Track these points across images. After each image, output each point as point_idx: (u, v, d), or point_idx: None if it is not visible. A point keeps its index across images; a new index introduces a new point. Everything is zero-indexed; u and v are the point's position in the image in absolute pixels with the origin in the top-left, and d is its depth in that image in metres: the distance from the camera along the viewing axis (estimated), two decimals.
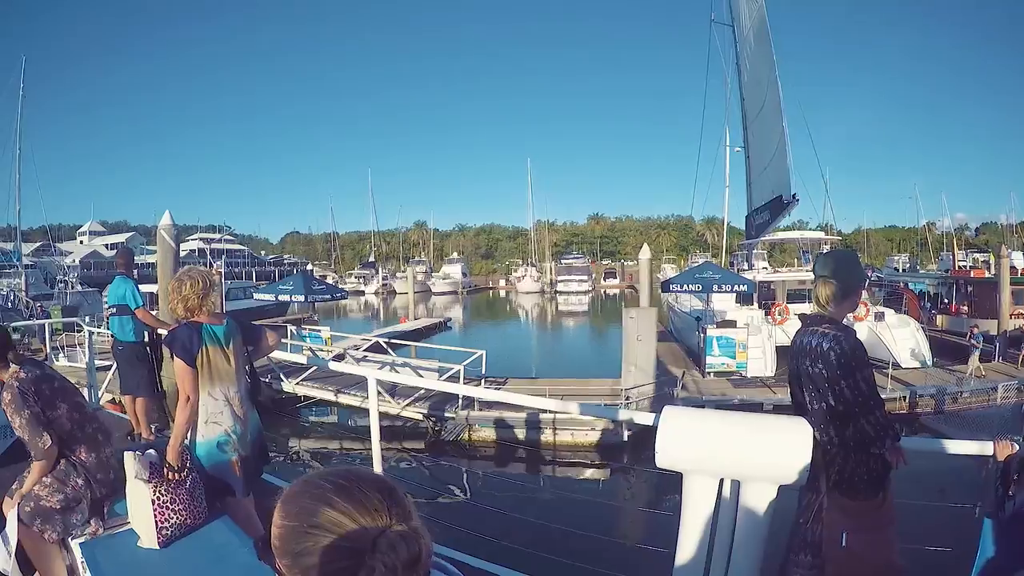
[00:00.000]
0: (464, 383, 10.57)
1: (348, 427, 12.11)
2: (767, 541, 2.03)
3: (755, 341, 13.92)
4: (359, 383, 11.19)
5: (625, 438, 10.16)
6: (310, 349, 13.54)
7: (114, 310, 5.32)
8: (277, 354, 3.66)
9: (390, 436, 11.07)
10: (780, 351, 13.79)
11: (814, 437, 2.05)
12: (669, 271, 59.72)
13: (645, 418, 2.46)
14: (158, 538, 2.42)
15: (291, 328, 14.41)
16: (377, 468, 3.48)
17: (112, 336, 5.46)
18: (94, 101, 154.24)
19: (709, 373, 13.91)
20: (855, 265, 2.42)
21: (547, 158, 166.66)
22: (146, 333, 5.40)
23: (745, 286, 16.58)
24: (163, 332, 5.05)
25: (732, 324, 14.92)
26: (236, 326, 2.99)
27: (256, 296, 21.50)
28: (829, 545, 2.21)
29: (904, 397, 11.99)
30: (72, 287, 32.52)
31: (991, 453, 2.18)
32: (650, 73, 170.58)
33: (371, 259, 70.75)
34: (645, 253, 15.35)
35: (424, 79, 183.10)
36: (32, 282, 30.47)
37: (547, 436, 10.55)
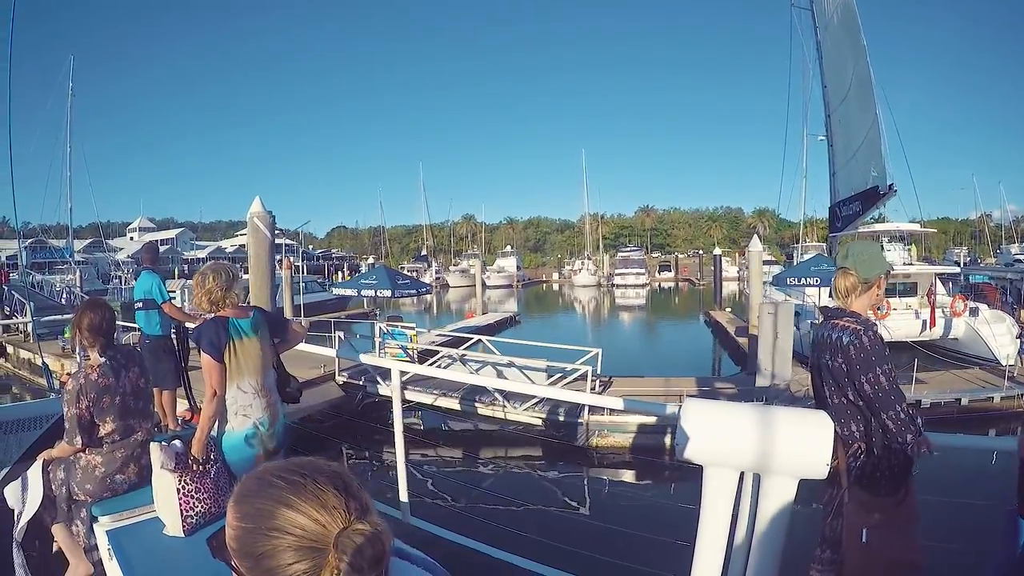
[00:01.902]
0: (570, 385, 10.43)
1: (442, 431, 11.73)
2: (787, 535, 2.07)
3: None
4: (457, 387, 11.14)
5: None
6: (401, 348, 13.25)
7: (141, 304, 5.68)
8: (303, 346, 3.80)
9: (500, 443, 11.02)
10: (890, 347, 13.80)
11: (835, 431, 2.08)
12: (726, 264, 60.10)
13: (668, 411, 2.49)
14: (183, 526, 2.57)
15: (379, 326, 14.03)
16: (400, 466, 3.60)
17: (139, 330, 5.82)
18: (139, 98, 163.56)
19: None
20: (877, 256, 2.43)
21: (595, 151, 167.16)
22: (172, 327, 5.73)
23: None
24: (190, 325, 5.36)
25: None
26: (263, 318, 3.13)
27: (335, 291, 21.63)
28: (849, 540, 2.25)
29: (1021, 395, 11.56)
30: (127, 283, 34.33)
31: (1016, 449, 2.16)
32: (697, 65, 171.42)
33: (423, 252, 71.98)
34: (756, 245, 15.31)
35: (474, 73, 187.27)
36: (86, 278, 32.38)
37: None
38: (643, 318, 38.57)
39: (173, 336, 5.84)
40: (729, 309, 27.88)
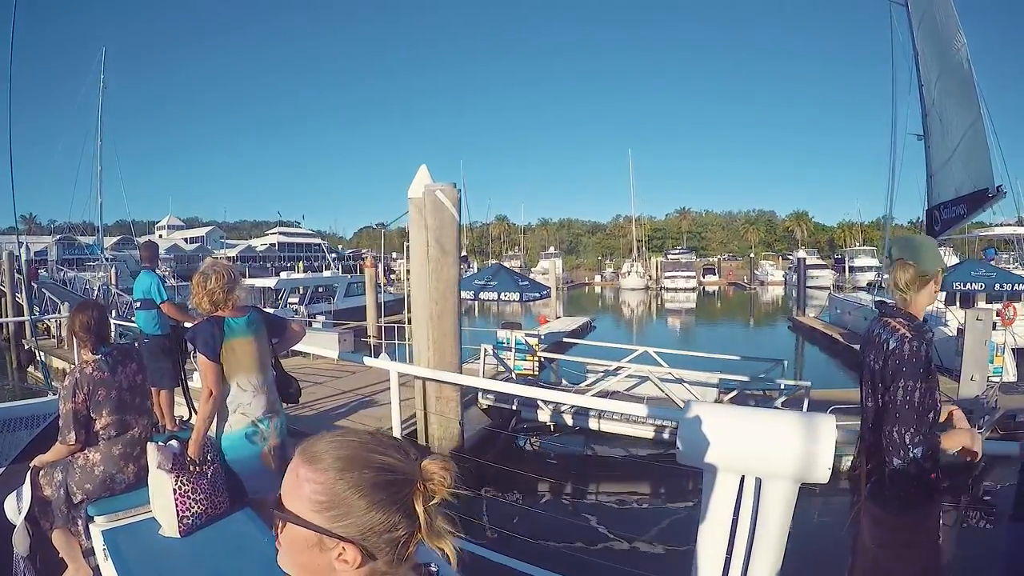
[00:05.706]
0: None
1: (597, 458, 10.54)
2: (787, 540, 2.10)
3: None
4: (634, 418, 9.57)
5: None
6: (537, 358, 12.03)
7: (140, 304, 5.94)
8: (303, 346, 3.91)
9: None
10: (1018, 354, 13.88)
11: (861, 437, 2.13)
12: (768, 267, 59.55)
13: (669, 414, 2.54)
14: (179, 527, 2.65)
15: (513, 337, 12.31)
16: None
17: (138, 329, 6.08)
18: (164, 98, 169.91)
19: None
20: (934, 249, 2.40)
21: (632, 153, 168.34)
22: (171, 326, 5.95)
23: None
24: (188, 325, 5.55)
25: (991, 326, 14.32)
26: (260, 318, 3.25)
27: None
28: (860, 555, 2.28)
29: None
30: (165, 281, 34.45)
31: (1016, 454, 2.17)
32: (733, 69, 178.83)
33: (463, 254, 72.59)
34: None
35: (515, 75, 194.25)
36: (119, 275, 33.15)
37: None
38: (711, 322, 38.22)
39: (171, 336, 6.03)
40: (814, 315, 27.48)
